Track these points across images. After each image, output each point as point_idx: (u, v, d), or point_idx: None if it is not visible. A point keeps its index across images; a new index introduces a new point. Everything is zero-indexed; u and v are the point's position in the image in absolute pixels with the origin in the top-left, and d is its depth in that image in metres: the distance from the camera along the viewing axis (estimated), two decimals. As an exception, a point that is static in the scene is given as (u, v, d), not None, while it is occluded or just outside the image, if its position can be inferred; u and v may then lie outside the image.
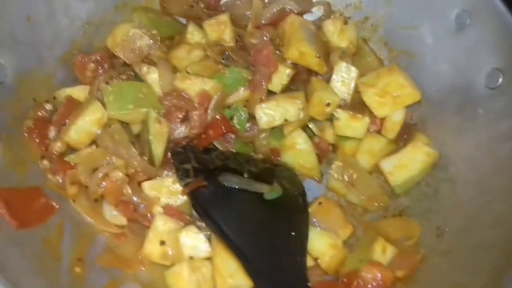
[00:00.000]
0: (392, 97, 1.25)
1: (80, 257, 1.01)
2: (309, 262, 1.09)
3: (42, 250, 0.94)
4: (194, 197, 1.12)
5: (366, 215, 1.29)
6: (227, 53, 1.36)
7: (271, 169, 1.30)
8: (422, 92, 1.28)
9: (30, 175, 1.05)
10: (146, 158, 1.18)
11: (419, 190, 1.26)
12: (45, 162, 1.09)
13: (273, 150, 1.34)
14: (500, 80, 1.12)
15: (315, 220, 1.18)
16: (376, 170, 1.32)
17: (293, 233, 1.05)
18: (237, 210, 1.11)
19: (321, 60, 1.31)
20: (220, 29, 1.38)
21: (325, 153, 1.36)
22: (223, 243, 1.05)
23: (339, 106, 1.29)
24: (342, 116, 1.28)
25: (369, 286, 1.07)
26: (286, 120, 1.27)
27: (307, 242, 1.05)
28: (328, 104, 1.25)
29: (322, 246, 1.11)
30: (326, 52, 1.36)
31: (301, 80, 1.37)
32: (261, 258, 0.97)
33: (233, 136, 1.33)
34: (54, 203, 1.03)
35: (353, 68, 1.30)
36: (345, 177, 1.29)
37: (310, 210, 1.19)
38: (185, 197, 1.19)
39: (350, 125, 1.29)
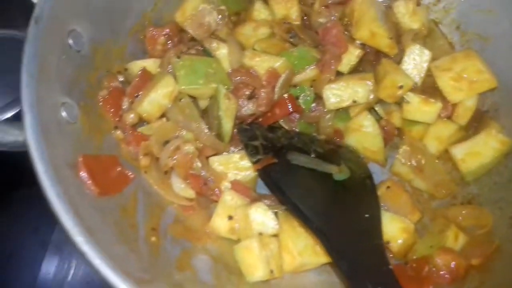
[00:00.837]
0: (468, 83, 1.21)
1: (154, 227, 1.02)
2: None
3: (120, 218, 0.95)
4: (266, 173, 1.12)
5: (433, 202, 1.26)
6: (293, 31, 1.35)
7: (335, 150, 1.28)
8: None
9: (106, 144, 1.06)
10: (213, 133, 1.18)
11: (490, 179, 1.22)
12: (118, 132, 1.10)
13: (337, 131, 1.33)
14: None
15: (383, 204, 1.16)
16: (444, 157, 1.29)
17: (366, 215, 1.04)
18: (309, 188, 1.10)
19: (393, 41, 1.27)
20: (287, 7, 1.36)
21: (391, 137, 1.33)
22: (298, 221, 1.04)
23: (411, 90, 1.25)
24: (414, 99, 1.25)
25: (441, 272, 1.05)
26: (354, 101, 1.25)
27: (381, 225, 1.03)
28: (401, 87, 1.22)
29: (393, 230, 1.09)
30: (397, 33, 1.32)
31: (368, 62, 1.34)
32: (340, 238, 0.96)
33: (297, 115, 1.32)
34: (129, 172, 1.04)
35: (426, 51, 1.27)
36: (413, 162, 1.26)
37: (378, 193, 1.17)
38: (250, 173, 1.19)
39: (421, 109, 1.26)
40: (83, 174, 0.91)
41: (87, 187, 0.90)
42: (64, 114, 0.95)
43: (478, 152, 1.21)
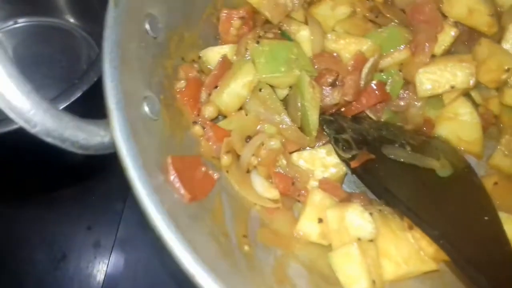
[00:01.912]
0: None
1: (245, 234, 0.91)
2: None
3: (213, 226, 0.85)
4: (365, 171, 0.99)
5: (540, 199, 1.12)
6: (377, 10, 1.21)
7: (428, 142, 1.15)
8: None
9: (186, 141, 0.95)
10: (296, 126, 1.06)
11: None
12: (197, 127, 0.99)
13: (427, 120, 1.20)
14: None
15: (493, 202, 1.03)
16: (550, 148, 1.15)
17: (485, 218, 0.91)
18: (415, 187, 0.98)
19: (493, 18, 1.13)
20: (368, -18, 1.22)
21: (488, 126, 1.19)
22: (410, 222, 0.92)
23: (516, 73, 1.11)
24: (520, 84, 1.10)
25: None
26: (452, 87, 1.11)
27: (503, 228, 0.90)
28: (508, 70, 1.08)
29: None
30: (495, 9, 1.17)
31: (461, 42, 1.20)
32: (468, 247, 0.83)
33: (383, 104, 1.19)
34: (213, 173, 0.93)
35: (533, 29, 1.12)
36: (516, 153, 1.12)
37: (486, 191, 1.04)
38: (338, 170, 1.08)
39: (528, 94, 1.11)
40: (174, 177, 0.80)
41: (178, 193, 0.80)
42: (147, 109, 0.84)
43: None
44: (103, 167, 1.52)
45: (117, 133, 0.72)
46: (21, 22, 1.86)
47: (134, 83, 0.82)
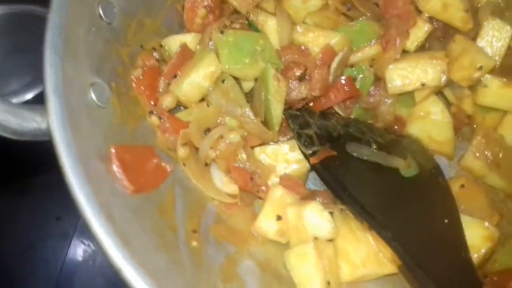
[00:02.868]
0: (562, 62, 1.03)
1: (195, 229, 0.88)
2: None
3: (158, 219, 0.82)
4: (324, 168, 0.96)
5: (509, 202, 1.09)
6: (349, 3, 1.17)
7: (397, 141, 1.12)
8: None
9: (140, 132, 0.92)
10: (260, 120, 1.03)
11: None
12: (154, 118, 0.96)
13: (398, 118, 1.17)
14: None
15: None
16: (524, 150, 1.11)
17: (445, 221, 0.87)
18: (374, 187, 0.94)
19: (468, 14, 1.09)
20: (341, -26, 1.18)
21: (460, 126, 1.16)
22: (365, 223, 0.89)
23: (490, 71, 1.07)
24: (492, 83, 1.07)
25: (531, 288, 0.89)
26: (423, 84, 1.08)
27: (464, 232, 0.87)
28: (480, 68, 1.04)
29: (475, 237, 0.93)
30: (471, 5, 1.13)
31: (436, 38, 1.17)
32: (421, 250, 0.80)
33: (353, 100, 1.15)
34: (166, 165, 0.89)
35: (507, 27, 1.09)
36: (488, 155, 1.09)
37: (451, 193, 1.01)
38: (301, 167, 1.04)
39: (500, 94, 1.08)
40: (116, 168, 0.77)
41: (120, 184, 0.77)
42: (93, 96, 0.81)
43: None
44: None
45: (52, 120, 0.69)
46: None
47: (79, 69, 0.79)
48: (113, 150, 0.78)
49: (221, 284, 0.81)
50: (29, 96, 1.42)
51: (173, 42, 1.04)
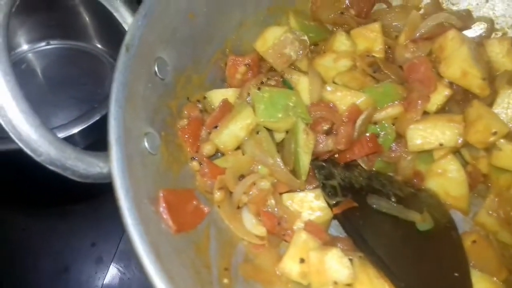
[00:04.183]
0: None
1: (227, 267, 0.98)
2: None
3: (195, 257, 0.92)
4: (345, 218, 1.05)
5: (519, 259, 1.16)
6: (376, 65, 1.28)
7: (415, 194, 1.20)
8: None
9: (182, 176, 1.04)
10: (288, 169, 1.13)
11: None
12: (195, 163, 1.07)
13: (417, 173, 1.25)
14: None
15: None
16: (534, 210, 1.18)
17: (456, 274, 0.95)
18: (391, 238, 1.03)
19: (486, 82, 1.19)
20: (370, 39, 1.31)
21: (476, 184, 1.23)
22: (380, 272, 0.97)
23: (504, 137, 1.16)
24: (507, 147, 1.15)
25: None
26: (441, 144, 1.17)
27: (472, 286, 0.94)
28: (495, 133, 1.13)
29: (482, 292, 1.00)
30: (489, 73, 1.23)
31: (455, 101, 1.26)
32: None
33: (375, 154, 1.25)
34: (204, 207, 1.00)
35: (522, 95, 1.17)
36: (501, 213, 1.16)
37: (463, 248, 1.08)
38: (325, 214, 1.13)
39: (514, 157, 1.16)
40: (163, 209, 0.88)
41: (166, 224, 0.88)
42: (146, 145, 0.93)
43: None
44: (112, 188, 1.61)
45: (113, 166, 0.80)
46: (53, 44, 2.01)
47: (136, 121, 0.91)
48: (161, 194, 0.89)
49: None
50: (75, 130, 1.50)
51: (215, 96, 1.16)
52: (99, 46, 1.98)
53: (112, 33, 1.88)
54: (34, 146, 0.73)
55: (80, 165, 0.79)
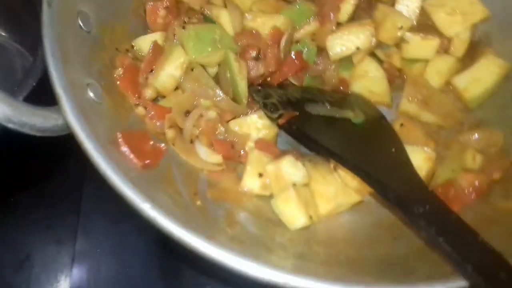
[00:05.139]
0: (462, 15, 1.27)
1: (195, 192, 1.04)
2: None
3: (166, 187, 0.97)
4: (290, 126, 1.15)
5: (442, 132, 1.33)
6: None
7: (344, 98, 1.33)
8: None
9: (131, 121, 1.07)
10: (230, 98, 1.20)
11: (493, 102, 1.29)
12: (140, 108, 1.11)
13: (342, 80, 1.37)
14: None
15: (400, 140, 1.21)
16: (445, 89, 1.36)
17: (393, 149, 1.09)
18: (333, 133, 1.14)
19: (385, -14, 1.31)
20: (273, -36, 1.37)
21: (393, 78, 1.38)
22: (332, 161, 1.09)
23: (409, 30, 1.30)
24: (413, 38, 1.30)
25: (467, 192, 1.12)
26: (358, 48, 1.28)
27: (408, 156, 1.09)
28: (401, 28, 1.27)
29: (417, 160, 1.14)
30: (386, -22, 1.36)
31: (362, 9, 1.38)
32: (378, 171, 1.01)
33: (302, 70, 1.35)
34: (161, 145, 1.05)
35: (419, -9, 1.31)
36: (418, 97, 1.32)
37: (394, 131, 1.23)
38: (270, 131, 1.22)
39: (421, 46, 1.31)
40: (125, 149, 0.92)
41: (131, 161, 0.92)
42: (91, 94, 0.95)
43: (479, 78, 1.27)
44: (54, 168, 1.59)
45: (68, 114, 0.83)
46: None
47: (76, 72, 0.92)
48: (119, 135, 0.92)
49: (228, 229, 0.98)
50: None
51: (143, 42, 1.19)
52: (2, 33, 1.87)
53: (14, 17, 1.81)
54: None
55: (36, 119, 0.80)
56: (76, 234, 1.52)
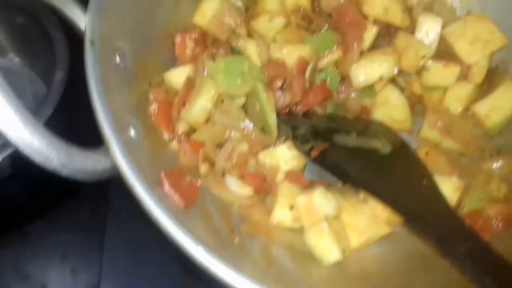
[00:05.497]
0: (482, 44, 1.30)
1: (232, 228, 1.04)
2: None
3: (205, 225, 0.97)
4: (322, 158, 1.16)
5: (463, 159, 1.35)
6: (308, 17, 1.38)
7: (367, 127, 1.34)
8: (504, 35, 1.33)
9: (167, 157, 1.07)
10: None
11: (512, 128, 1.33)
12: (174, 143, 1.11)
13: (364, 108, 1.39)
14: None
15: (426, 169, 1.24)
16: (465, 116, 1.38)
17: (424, 182, 1.11)
18: (364, 164, 1.16)
19: (406, 13, 1.34)
20: (296, -7, 1.40)
21: (413, 105, 1.41)
22: (367, 193, 1.10)
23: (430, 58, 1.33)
24: (434, 67, 1.32)
25: (494, 221, 1.15)
26: (381, 77, 1.31)
27: (439, 188, 1.11)
28: (423, 57, 1.29)
29: (446, 191, 1.15)
30: (405, 5, 1.39)
31: (381, 36, 1.40)
32: (411, 203, 1.02)
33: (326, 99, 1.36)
34: (196, 181, 1.05)
35: (438, 19, 1.34)
36: (439, 124, 1.34)
37: (420, 160, 1.25)
38: (299, 162, 1.23)
39: (442, 74, 1.34)
40: (169, 188, 0.92)
41: (175, 200, 0.92)
42: (132, 133, 0.95)
43: (500, 106, 1.30)
44: (70, 196, 1.57)
45: (118, 157, 0.83)
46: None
47: (119, 112, 0.93)
48: (163, 174, 0.93)
49: (265, 265, 0.98)
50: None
51: (173, 75, 1.20)
52: (15, 59, 1.86)
53: (26, 42, 1.80)
54: (46, 154, 0.73)
55: (89, 164, 0.80)
56: (93, 264, 1.51)
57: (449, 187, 1.18)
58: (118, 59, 1.01)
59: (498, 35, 1.30)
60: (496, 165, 1.27)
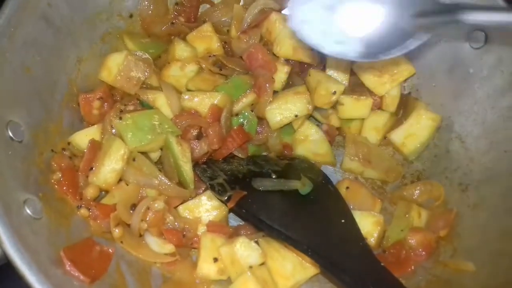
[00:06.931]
0: (390, 75, 1.33)
1: (149, 292, 1.01)
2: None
3: (118, 298, 0.93)
4: (239, 208, 1.14)
5: (386, 187, 1.37)
6: (219, 62, 1.38)
7: (290, 164, 1.34)
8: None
9: (74, 227, 1.02)
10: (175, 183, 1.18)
11: (429, 153, 1.36)
12: (83, 211, 1.07)
13: (286, 145, 1.39)
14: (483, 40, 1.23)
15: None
16: (383, 144, 1.41)
17: (343, 221, 1.11)
18: (283, 210, 1.15)
19: (314, 51, 1.35)
20: (206, 39, 1.40)
21: (333, 138, 1.42)
22: (284, 243, 1.09)
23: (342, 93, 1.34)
24: (347, 101, 1.34)
25: (417, 251, 1.16)
26: (296, 116, 1.31)
27: (358, 226, 1.11)
28: (334, 93, 1.30)
29: (367, 226, 1.17)
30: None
31: (295, 73, 1.41)
32: (331, 251, 1.02)
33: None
34: (108, 248, 1.01)
35: (347, 53, 1.36)
36: (360, 155, 1.36)
37: (341, 195, 1.25)
38: (221, 211, 1.21)
39: (355, 107, 1.35)
40: (70, 267, 0.87)
41: (79, 280, 0.87)
42: (29, 212, 0.91)
43: (414, 133, 1.33)
44: None
45: (6, 247, 0.78)
46: None
47: (11, 192, 0.88)
48: (62, 254, 0.88)
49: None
50: None
51: (79, 138, 1.16)
52: None
53: None
54: None
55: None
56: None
57: (369, 222, 1.19)
58: (10, 134, 0.96)
59: (404, 66, 1.33)
60: (417, 191, 1.29)
